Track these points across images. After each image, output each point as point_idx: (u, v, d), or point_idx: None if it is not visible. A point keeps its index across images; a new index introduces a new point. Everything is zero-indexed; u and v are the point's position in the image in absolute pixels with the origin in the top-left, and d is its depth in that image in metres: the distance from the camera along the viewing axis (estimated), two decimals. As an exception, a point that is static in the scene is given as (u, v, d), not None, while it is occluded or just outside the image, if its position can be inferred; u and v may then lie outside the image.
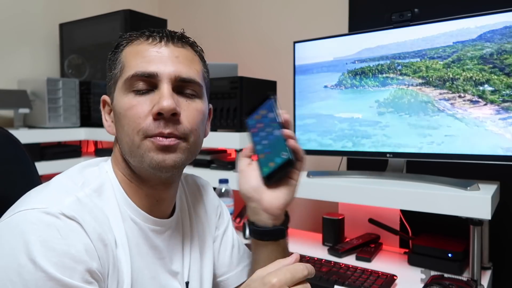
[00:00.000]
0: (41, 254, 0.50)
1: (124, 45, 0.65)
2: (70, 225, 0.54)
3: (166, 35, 0.63)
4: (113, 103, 0.65)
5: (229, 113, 1.51)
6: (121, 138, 0.63)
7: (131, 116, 0.60)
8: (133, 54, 0.62)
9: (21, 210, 0.54)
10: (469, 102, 1.15)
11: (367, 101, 1.33)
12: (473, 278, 1.09)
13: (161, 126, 0.59)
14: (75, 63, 1.98)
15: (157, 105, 0.59)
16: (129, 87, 0.61)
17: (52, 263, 0.50)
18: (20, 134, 1.50)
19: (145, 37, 0.63)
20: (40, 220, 0.53)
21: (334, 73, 1.40)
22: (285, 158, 0.66)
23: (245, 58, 2.05)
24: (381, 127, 1.30)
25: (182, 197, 0.77)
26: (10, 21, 1.85)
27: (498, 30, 1.11)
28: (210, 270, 0.78)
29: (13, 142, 0.80)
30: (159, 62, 0.61)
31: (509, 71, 1.09)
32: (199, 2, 2.30)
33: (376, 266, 1.20)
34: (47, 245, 0.51)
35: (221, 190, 1.44)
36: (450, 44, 1.18)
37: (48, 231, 0.52)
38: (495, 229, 1.31)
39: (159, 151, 0.60)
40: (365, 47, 1.33)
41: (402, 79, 1.26)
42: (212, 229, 0.81)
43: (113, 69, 0.65)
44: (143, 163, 0.61)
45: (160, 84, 0.60)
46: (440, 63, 1.19)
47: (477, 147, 1.14)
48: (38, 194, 0.58)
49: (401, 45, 1.26)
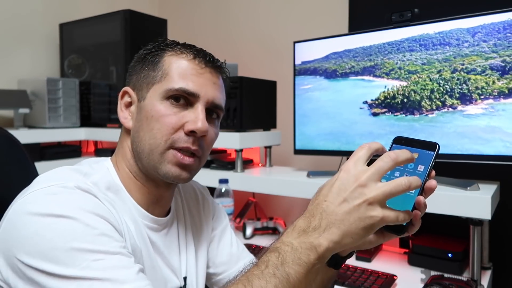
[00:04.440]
0: (72, 211, 0.53)
1: (168, 52, 0.68)
2: (87, 196, 0.57)
3: (210, 61, 0.68)
4: (144, 103, 0.67)
5: (229, 113, 1.51)
6: (142, 137, 0.65)
7: (165, 123, 0.64)
8: (179, 68, 0.66)
9: (36, 189, 0.56)
10: (469, 102, 1.16)
11: (363, 99, 1.33)
12: (473, 278, 1.09)
13: (190, 141, 0.65)
14: (75, 63, 1.98)
15: (193, 124, 0.64)
16: (168, 97, 0.65)
17: (86, 212, 0.54)
18: (20, 134, 1.50)
19: (192, 55, 0.67)
20: (59, 191, 0.55)
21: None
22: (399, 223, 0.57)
23: (245, 58, 2.04)
24: (375, 126, 1.31)
25: (177, 198, 0.79)
26: (10, 21, 1.85)
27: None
28: (204, 270, 0.80)
29: (13, 142, 0.80)
30: (201, 84, 0.66)
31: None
32: (199, 2, 2.30)
33: (376, 266, 1.20)
34: (76, 205, 0.54)
35: (221, 190, 1.44)
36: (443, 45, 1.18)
37: (72, 195, 0.55)
38: (495, 229, 1.31)
39: (177, 167, 0.65)
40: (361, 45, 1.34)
41: (401, 77, 1.26)
42: (207, 230, 0.83)
43: (151, 70, 0.67)
44: (159, 170, 0.65)
45: (197, 104, 0.66)
46: (437, 64, 1.20)
47: (478, 147, 1.14)
48: (46, 179, 0.59)
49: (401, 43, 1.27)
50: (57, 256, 0.50)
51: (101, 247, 0.52)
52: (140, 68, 0.69)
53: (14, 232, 0.53)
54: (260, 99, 1.61)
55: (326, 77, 1.42)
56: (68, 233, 0.51)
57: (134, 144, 0.67)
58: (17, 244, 0.52)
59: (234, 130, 1.51)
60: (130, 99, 0.69)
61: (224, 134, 1.52)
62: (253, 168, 1.65)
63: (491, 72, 1.12)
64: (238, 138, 1.47)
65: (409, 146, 0.62)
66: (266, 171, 1.60)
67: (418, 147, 0.61)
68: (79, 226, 0.52)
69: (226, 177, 1.46)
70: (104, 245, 0.52)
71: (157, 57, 0.68)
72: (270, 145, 1.68)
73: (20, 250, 0.51)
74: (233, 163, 1.56)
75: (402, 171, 0.60)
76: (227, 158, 1.68)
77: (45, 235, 0.51)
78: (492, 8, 1.12)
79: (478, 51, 1.14)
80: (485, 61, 1.13)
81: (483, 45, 1.13)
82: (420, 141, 0.61)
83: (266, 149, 1.69)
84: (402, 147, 0.62)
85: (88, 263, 0.50)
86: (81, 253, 0.50)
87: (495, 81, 1.11)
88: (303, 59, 1.47)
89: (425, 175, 0.58)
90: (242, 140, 1.48)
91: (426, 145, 0.60)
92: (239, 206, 1.60)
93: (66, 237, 0.51)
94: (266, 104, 1.66)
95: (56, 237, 0.50)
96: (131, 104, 0.69)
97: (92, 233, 0.52)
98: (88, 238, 0.52)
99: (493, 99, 1.11)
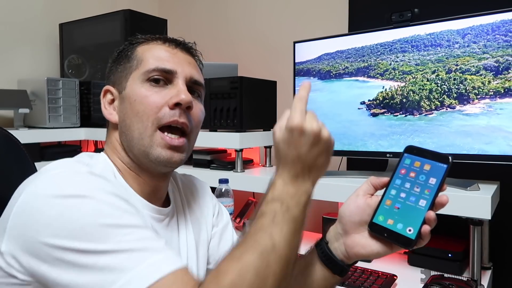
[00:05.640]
0: (92, 192, 0.53)
1: (140, 43, 0.71)
2: (102, 180, 0.57)
3: (180, 43, 0.71)
4: (125, 92, 0.68)
5: (229, 113, 1.51)
6: (129, 124, 0.66)
7: (148, 103, 0.64)
8: (151, 52, 0.68)
9: (49, 175, 0.55)
10: (466, 102, 1.16)
11: (360, 100, 1.33)
12: (473, 278, 1.09)
13: (176, 115, 0.65)
14: (75, 63, 1.98)
15: (176, 97, 0.64)
16: (147, 79, 0.66)
17: (106, 193, 0.54)
18: (20, 134, 1.50)
19: (161, 40, 0.70)
20: (74, 175, 0.56)
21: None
22: (408, 236, 0.58)
23: (245, 58, 2.04)
24: (376, 127, 1.31)
25: (175, 192, 0.79)
26: (10, 21, 1.85)
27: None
28: (204, 264, 0.79)
29: (13, 142, 0.80)
30: (176, 62, 0.68)
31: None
32: (199, 2, 2.30)
33: (376, 266, 1.20)
34: (95, 186, 0.54)
35: (221, 190, 1.44)
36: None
37: (88, 179, 0.56)
38: (495, 229, 1.31)
39: (168, 149, 0.65)
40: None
41: (397, 77, 1.27)
42: (207, 226, 0.82)
43: (126, 62, 0.69)
44: (150, 155, 0.64)
45: (176, 81, 0.67)
46: (434, 64, 1.20)
47: (477, 146, 1.14)
48: (55, 167, 0.58)
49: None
50: (88, 233, 0.49)
51: (129, 222, 0.52)
52: (116, 66, 0.71)
53: (34, 216, 0.51)
54: (260, 99, 1.61)
55: (320, 78, 1.43)
56: (94, 212, 0.51)
57: (123, 135, 0.67)
58: (38, 227, 0.50)
59: (234, 130, 1.51)
60: (112, 96, 0.70)
61: (224, 134, 1.52)
62: (253, 168, 1.65)
63: (485, 72, 1.12)
64: (238, 138, 1.47)
65: (420, 156, 0.61)
66: (266, 171, 1.60)
67: (430, 158, 0.60)
68: (103, 205, 0.52)
69: (226, 177, 1.46)
70: (130, 221, 0.53)
71: (130, 51, 0.70)
72: (270, 145, 1.68)
73: (43, 232, 0.50)
74: (233, 163, 1.55)
75: (413, 183, 0.60)
76: (227, 158, 1.68)
77: (71, 216, 0.50)
78: (492, 8, 1.12)
79: (470, 52, 1.14)
80: (478, 61, 1.13)
81: (474, 46, 1.14)
82: (432, 152, 0.60)
83: (266, 149, 1.69)
84: (413, 157, 0.62)
85: (120, 237, 0.50)
86: (112, 229, 0.50)
87: (490, 81, 1.11)
88: (296, 60, 1.48)
89: (437, 189, 0.57)
90: (242, 140, 1.48)
91: (438, 157, 0.59)
92: (239, 206, 1.60)
93: (93, 215, 0.51)
94: (266, 104, 1.66)
95: (83, 217, 0.50)
96: (114, 101, 0.70)
97: (118, 210, 0.53)
98: (115, 214, 0.52)
99: (490, 99, 1.12)
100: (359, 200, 0.65)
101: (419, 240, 0.58)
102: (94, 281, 0.48)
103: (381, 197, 0.63)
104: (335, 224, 0.68)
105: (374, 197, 0.65)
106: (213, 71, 1.55)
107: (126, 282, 0.47)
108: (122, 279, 0.47)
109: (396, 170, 0.63)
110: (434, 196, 0.57)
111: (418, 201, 0.59)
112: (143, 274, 0.48)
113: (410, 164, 0.62)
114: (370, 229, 0.62)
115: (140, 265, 0.48)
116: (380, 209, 0.62)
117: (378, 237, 0.62)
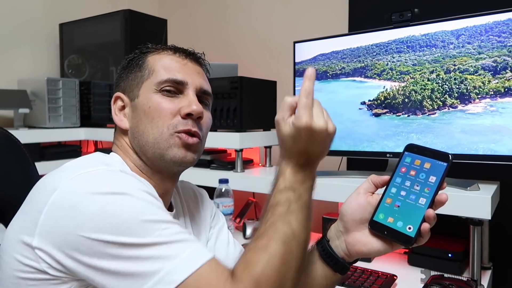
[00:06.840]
0: (129, 189, 0.55)
1: (150, 52, 0.73)
2: (133, 178, 0.60)
3: (190, 53, 0.74)
4: (138, 100, 0.70)
5: (229, 113, 1.51)
6: (143, 130, 0.68)
7: (164, 110, 0.67)
8: (162, 63, 0.70)
9: (81, 173, 0.56)
10: (467, 101, 1.16)
11: (360, 100, 1.33)
12: (473, 278, 1.09)
13: (189, 124, 0.68)
14: (75, 63, 1.98)
15: (188, 107, 0.67)
16: (160, 89, 0.69)
17: (141, 190, 0.57)
18: (20, 134, 1.50)
19: (172, 50, 0.73)
20: (108, 173, 0.58)
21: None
22: (407, 234, 0.58)
23: (245, 58, 2.04)
24: (380, 127, 1.31)
25: (176, 198, 0.81)
26: (10, 21, 1.85)
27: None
28: None
29: (13, 142, 0.80)
30: (186, 73, 0.70)
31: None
32: (199, 2, 2.30)
33: (376, 266, 1.20)
34: (130, 184, 0.57)
35: (221, 190, 1.44)
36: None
37: (121, 177, 0.58)
38: (495, 229, 1.31)
39: (183, 148, 0.67)
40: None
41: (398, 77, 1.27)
42: (206, 229, 0.85)
43: (137, 72, 0.71)
44: (165, 156, 0.67)
45: (187, 91, 0.69)
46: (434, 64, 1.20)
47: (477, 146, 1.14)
48: (83, 165, 0.59)
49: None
50: (129, 228, 0.52)
51: (164, 217, 0.55)
52: (126, 73, 0.73)
53: (74, 211, 0.53)
54: (260, 99, 1.61)
55: (316, 78, 1.42)
56: (134, 208, 0.54)
57: (135, 140, 0.69)
58: (79, 222, 0.52)
59: (234, 130, 1.51)
60: (123, 102, 0.72)
61: (224, 134, 1.52)
62: (253, 168, 1.65)
63: (484, 72, 1.12)
64: (238, 138, 1.47)
65: (421, 154, 0.62)
66: (266, 171, 1.60)
67: (430, 156, 0.61)
68: (141, 201, 0.55)
69: (226, 177, 1.46)
70: (165, 216, 0.56)
71: (141, 59, 0.72)
72: (270, 145, 1.68)
73: (84, 227, 0.52)
74: (233, 163, 1.55)
75: (413, 181, 0.61)
76: (227, 158, 1.68)
77: (113, 212, 0.53)
78: (492, 7, 1.12)
79: (465, 52, 1.15)
80: (476, 61, 1.13)
81: (468, 47, 1.14)
82: (432, 150, 0.61)
83: (266, 149, 1.69)
84: (414, 155, 0.62)
85: (160, 232, 0.53)
86: (151, 224, 0.53)
87: (490, 80, 1.12)
88: (296, 60, 1.48)
89: (436, 187, 0.58)
90: (242, 140, 1.48)
91: (439, 155, 0.60)
92: (239, 206, 1.60)
93: (134, 211, 0.53)
94: (266, 104, 1.66)
95: (124, 213, 0.53)
96: (125, 107, 0.72)
97: (153, 207, 0.56)
98: (153, 211, 0.55)
99: (490, 98, 1.12)
100: (360, 198, 0.66)
101: (418, 238, 0.59)
102: (140, 270, 0.51)
103: (382, 195, 0.63)
104: (336, 222, 0.69)
105: (375, 195, 0.66)
106: (213, 71, 1.54)
107: (172, 269, 0.50)
108: (168, 267, 0.51)
109: (397, 168, 0.64)
110: (434, 195, 0.58)
111: (418, 199, 0.59)
112: (185, 262, 0.51)
113: (411, 163, 0.62)
114: (370, 227, 0.63)
115: (182, 254, 0.52)
116: (380, 207, 0.63)
117: (379, 235, 0.62)
